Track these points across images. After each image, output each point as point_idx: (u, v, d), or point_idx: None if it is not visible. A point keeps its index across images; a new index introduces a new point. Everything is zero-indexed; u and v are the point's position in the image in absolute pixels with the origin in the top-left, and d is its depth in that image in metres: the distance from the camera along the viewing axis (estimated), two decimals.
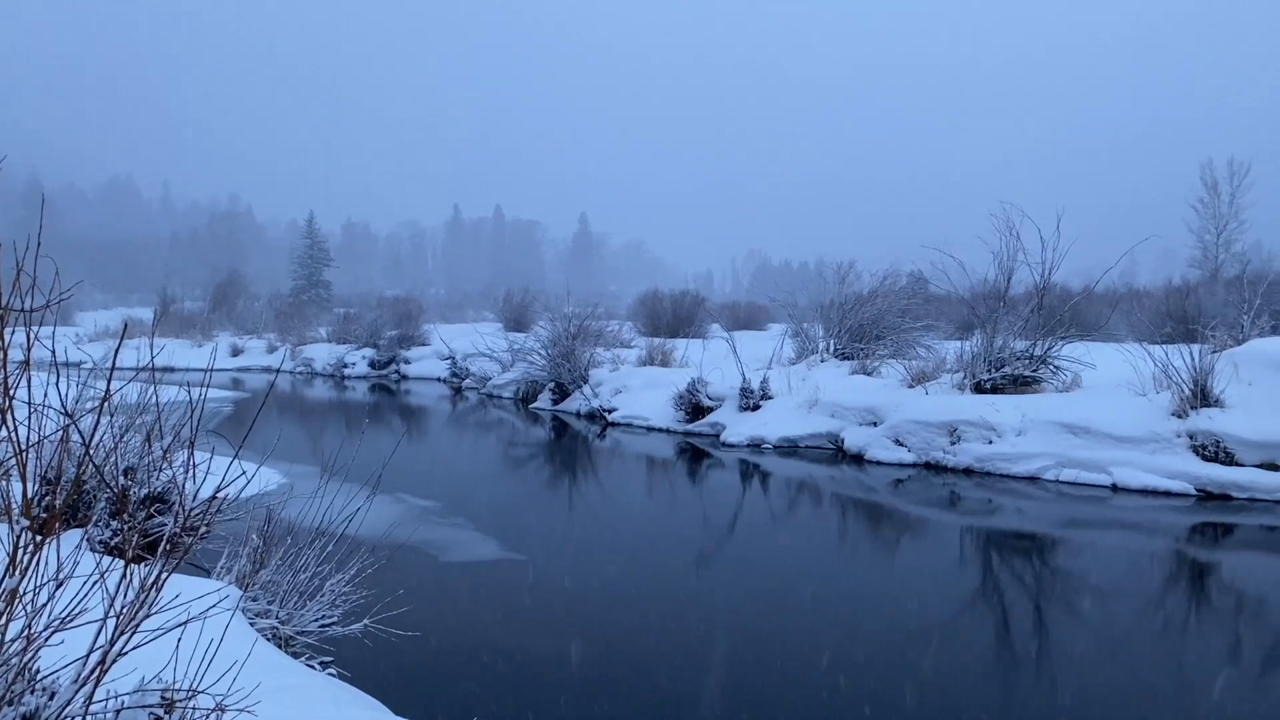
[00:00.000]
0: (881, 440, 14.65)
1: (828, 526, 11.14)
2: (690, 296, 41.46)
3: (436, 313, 52.03)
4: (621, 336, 29.38)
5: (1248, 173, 60.07)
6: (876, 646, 6.47)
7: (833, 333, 21.47)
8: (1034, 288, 16.40)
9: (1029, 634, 6.99)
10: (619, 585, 8.03)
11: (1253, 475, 11.55)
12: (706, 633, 6.68)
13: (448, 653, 6.16)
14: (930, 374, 16.66)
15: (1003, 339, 15.57)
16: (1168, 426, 12.49)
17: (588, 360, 22.49)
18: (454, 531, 9.68)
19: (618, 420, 19.32)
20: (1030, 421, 13.44)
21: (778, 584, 8.20)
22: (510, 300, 40.23)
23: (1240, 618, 7.69)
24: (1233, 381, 12.67)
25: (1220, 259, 56.78)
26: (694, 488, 13.62)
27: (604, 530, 10.63)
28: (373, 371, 34.60)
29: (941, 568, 9.23)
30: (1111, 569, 9.15)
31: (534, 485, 13.77)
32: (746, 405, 17.23)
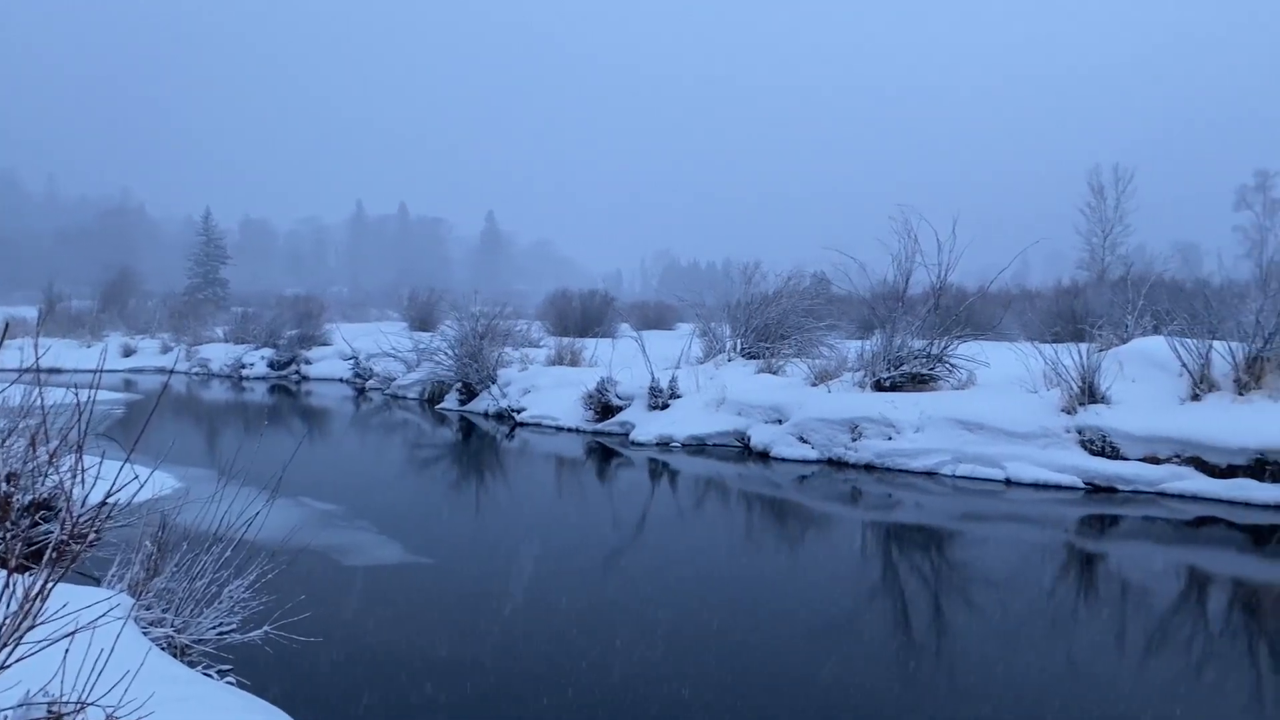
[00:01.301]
0: (786, 438, 14.91)
1: (735, 523, 11.29)
2: (599, 296, 41.49)
3: (339, 312, 51.04)
4: (530, 336, 29.25)
5: (1132, 178, 62.88)
6: (784, 639, 6.58)
7: (739, 332, 21.74)
8: (931, 288, 16.89)
9: (928, 624, 7.21)
10: (528, 587, 8.01)
11: (1137, 469, 12.11)
12: (616, 632, 6.71)
13: (351, 658, 6.06)
14: (833, 372, 17.01)
15: (901, 338, 15.99)
16: (1057, 422, 13.00)
17: (496, 360, 22.32)
18: (357, 535, 9.51)
19: (526, 420, 19.23)
20: (928, 418, 13.84)
21: (686, 581, 8.28)
22: (416, 299, 39.68)
23: (1125, 605, 8.05)
24: (1118, 379, 13.25)
25: (1106, 261, 59.33)
26: (603, 487, 13.65)
27: (512, 531, 10.58)
28: (272, 372, 33.74)
29: (845, 562, 9.45)
30: (1005, 561, 9.50)
31: (441, 487, 13.62)
32: (655, 404, 17.34)
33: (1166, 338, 13.66)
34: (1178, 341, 13.16)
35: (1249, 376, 12.47)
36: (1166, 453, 12.06)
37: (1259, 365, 12.48)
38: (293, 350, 34.36)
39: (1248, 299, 13.39)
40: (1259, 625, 7.49)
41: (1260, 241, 62.70)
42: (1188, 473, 11.77)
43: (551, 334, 32.98)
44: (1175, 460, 11.96)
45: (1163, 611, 7.72)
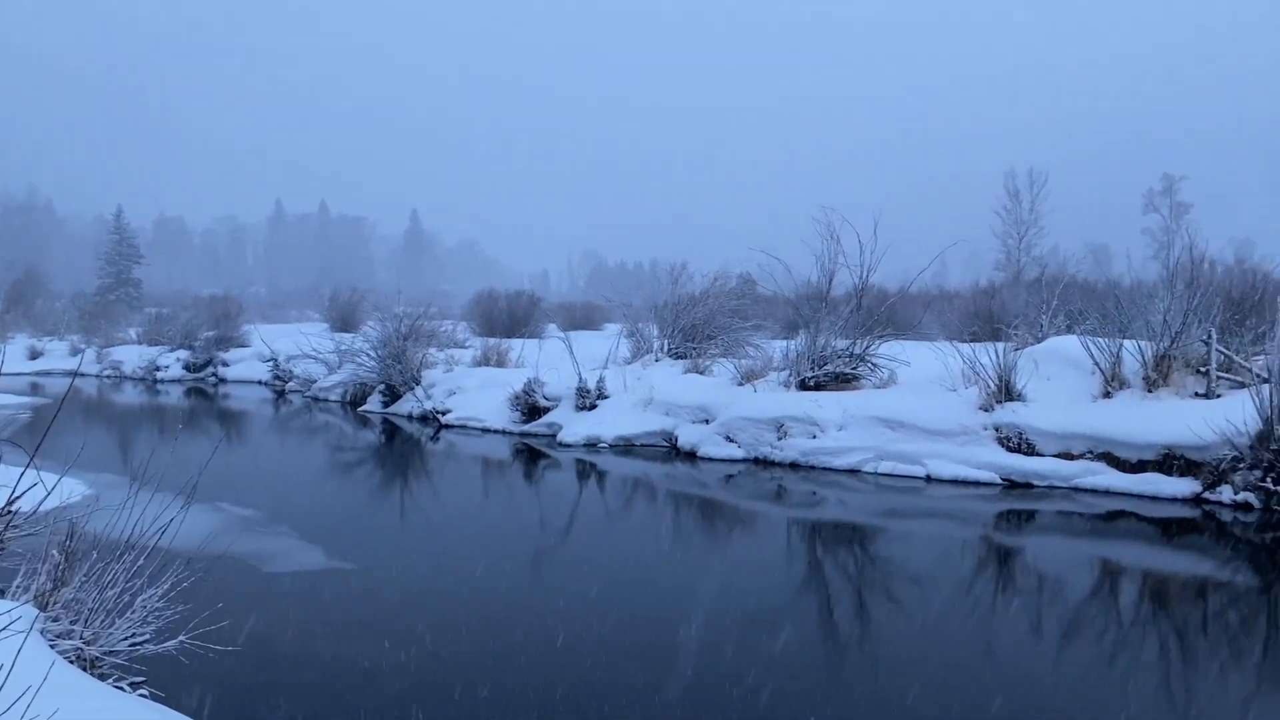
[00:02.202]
0: (713, 437, 15.01)
1: (662, 523, 11.31)
2: (526, 296, 41.31)
3: (258, 312, 49.94)
4: (456, 337, 28.95)
5: (1046, 182, 64.86)
6: (711, 636, 6.61)
7: (667, 332, 21.81)
8: (853, 289, 17.17)
9: (852, 618, 7.31)
10: (453, 590, 7.91)
11: (1052, 465, 12.46)
12: (544, 632, 6.66)
13: (270, 667, 5.92)
14: (759, 372, 17.17)
15: (825, 338, 16.21)
16: (976, 420, 13.31)
17: (420, 361, 22.04)
18: (277, 541, 9.30)
19: (452, 422, 19.02)
20: (851, 417, 14.06)
21: (614, 581, 8.27)
22: (337, 299, 39.02)
23: (1042, 597, 8.28)
24: (1033, 377, 13.62)
25: (1022, 262, 61.03)
26: (530, 488, 13.57)
27: (438, 535, 10.45)
28: (188, 374, 32.83)
29: (771, 559, 9.54)
30: (926, 556, 9.69)
31: (363, 491, 13.39)
32: (583, 405, 17.30)
33: (1079, 337, 14.10)
34: (1090, 340, 13.58)
35: (1157, 374, 12.93)
36: (1080, 449, 12.43)
37: (1166, 363, 12.94)
38: (209, 352, 33.50)
39: (1156, 299, 13.88)
40: (1168, 614, 7.76)
41: (1167, 244, 64.97)
42: (1100, 468, 12.15)
43: (478, 335, 32.69)
44: (1088, 456, 12.34)
45: (1077, 603, 7.95)
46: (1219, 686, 6.03)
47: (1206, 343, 12.61)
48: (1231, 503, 10.92)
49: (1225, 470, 11.15)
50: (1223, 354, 12.64)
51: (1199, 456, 11.45)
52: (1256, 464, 10.88)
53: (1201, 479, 11.35)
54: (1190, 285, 13.32)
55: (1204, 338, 12.68)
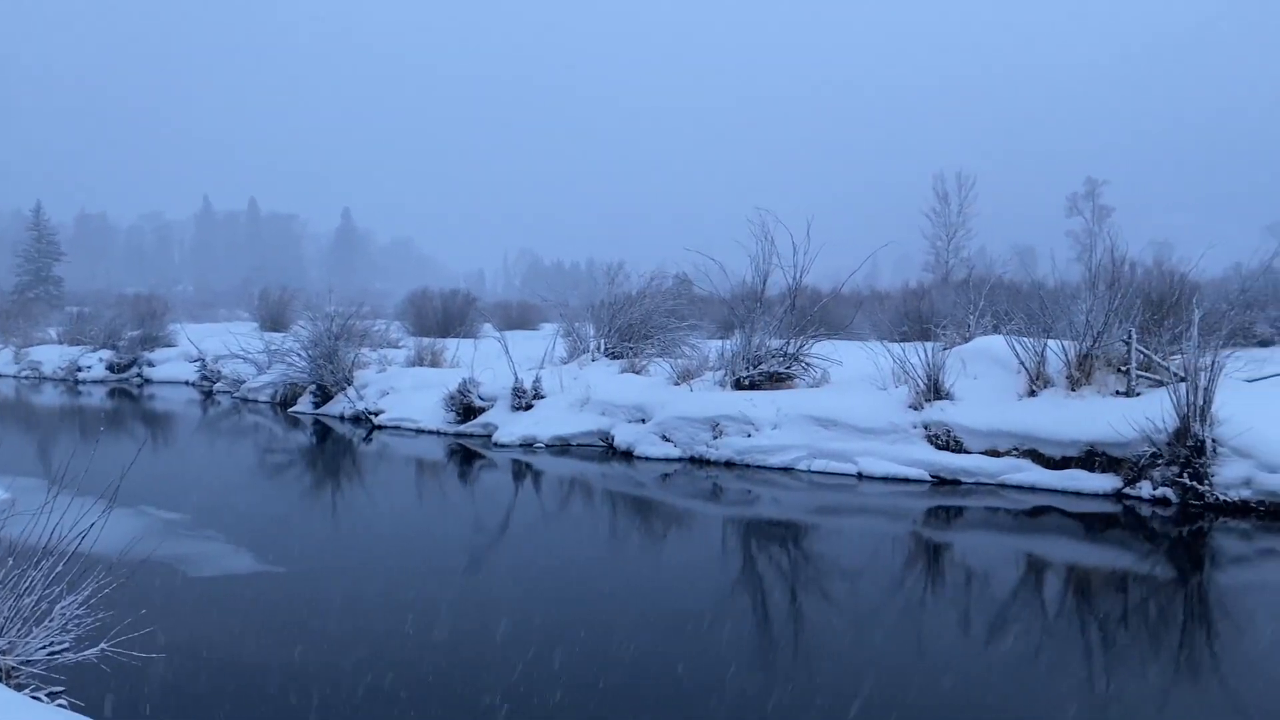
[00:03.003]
0: (650, 437, 15.05)
1: (598, 523, 11.31)
2: (461, 295, 40.95)
3: (185, 311, 48.71)
4: (389, 336, 28.59)
5: (974, 185, 66.29)
6: (646, 635, 6.63)
7: (603, 332, 21.81)
8: (787, 289, 17.36)
9: (785, 614, 7.40)
10: (386, 593, 7.82)
11: (979, 462, 12.74)
12: (477, 634, 6.62)
13: (196, 674, 5.79)
14: (695, 372, 17.27)
15: (760, 338, 16.36)
16: (906, 418, 13.55)
17: (352, 361, 21.72)
18: (204, 545, 9.09)
19: (385, 423, 18.79)
20: (785, 416, 14.21)
21: (549, 581, 8.25)
22: (267, 298, 38.28)
23: (970, 592, 8.46)
24: (961, 376, 13.91)
25: (950, 263, 62.27)
26: (466, 489, 13.47)
27: (370, 537, 10.31)
28: (111, 375, 31.90)
29: (706, 557, 9.60)
30: (858, 552, 9.84)
31: (294, 493, 13.16)
32: (519, 405, 17.21)
33: (1005, 336, 14.43)
34: (1016, 340, 13.91)
35: (1080, 373, 13.29)
36: (1006, 446, 12.73)
37: (1089, 362, 13.31)
38: (134, 352, 32.60)
39: (1078, 300, 14.26)
40: (1090, 607, 7.99)
41: (1090, 246, 66.83)
42: (1026, 465, 12.46)
43: (411, 334, 32.32)
44: (1014, 453, 12.64)
45: (1004, 597, 8.15)
46: (1139, 675, 6.22)
47: (1127, 342, 13.00)
48: (1150, 498, 11.28)
49: (1145, 466, 11.51)
50: (1142, 353, 13.04)
51: (1120, 453, 11.81)
52: (1174, 460, 11.25)
53: (1122, 475, 11.70)
54: (1111, 286, 13.72)
55: (1124, 338, 13.06)
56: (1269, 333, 31.15)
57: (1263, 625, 7.40)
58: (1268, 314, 31.91)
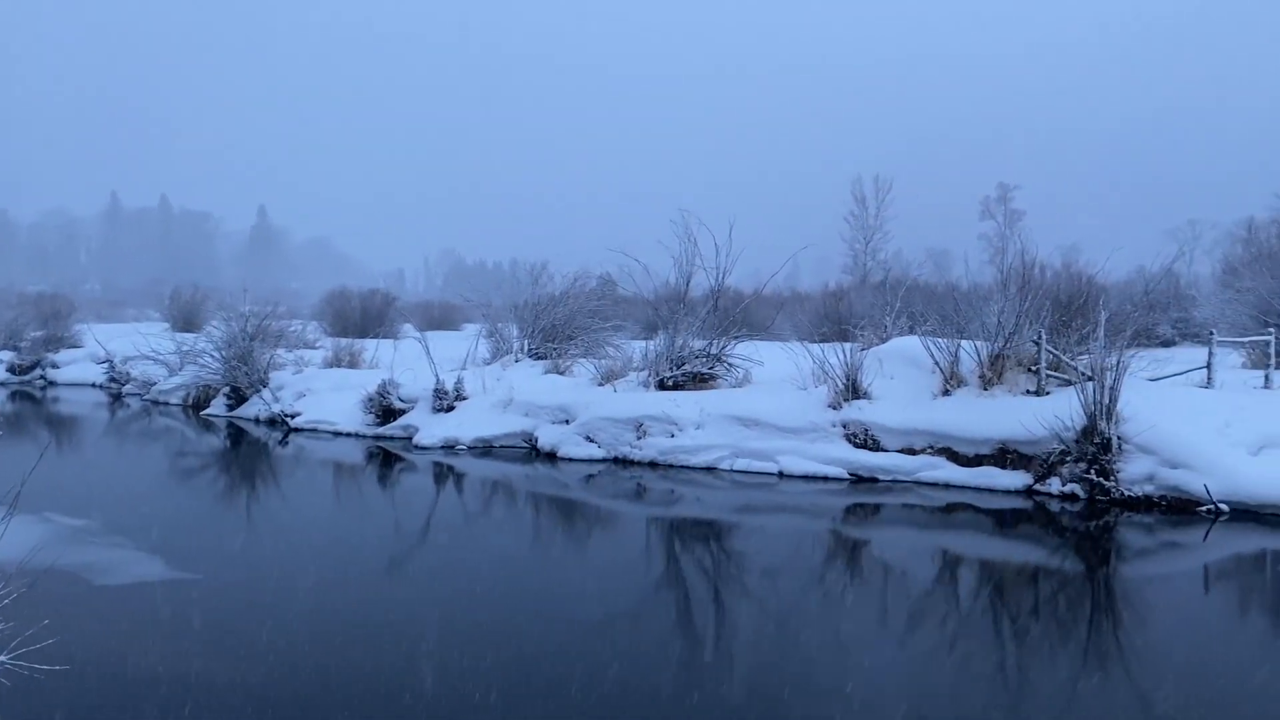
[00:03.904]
0: (573, 438, 15.02)
1: (521, 524, 11.25)
2: (381, 295, 40.42)
3: (92, 311, 47.06)
4: (306, 337, 28.05)
5: (890, 189, 67.71)
6: (568, 636, 6.61)
7: (527, 333, 21.70)
8: (710, 291, 17.50)
9: (708, 613, 7.45)
10: (302, 599, 7.66)
11: (895, 460, 13.01)
12: (395, 639, 6.52)
13: (103, 687, 5.59)
14: (619, 372, 17.29)
15: (683, 339, 16.47)
16: (825, 417, 13.76)
17: (268, 362, 21.23)
18: (112, 552, 8.78)
19: (302, 425, 18.41)
20: (708, 416, 14.31)
21: (470, 584, 8.17)
22: (179, 298, 37.25)
23: (887, 586, 8.63)
24: (878, 376, 14.18)
25: (868, 265, 63.48)
26: (385, 492, 13.27)
27: (286, 542, 10.09)
28: (13, 377, 30.66)
29: (629, 557, 9.62)
30: (778, 549, 9.96)
31: (207, 498, 12.80)
32: (440, 406, 17.02)
33: (921, 337, 14.77)
34: (931, 341, 14.25)
35: (992, 373, 13.66)
36: (921, 444, 13.02)
37: (1000, 362, 13.69)
38: (37, 353, 31.41)
39: (991, 301, 14.66)
40: (1001, 599, 8.22)
41: (1001, 249, 68.86)
42: (940, 462, 12.77)
43: (329, 335, 31.78)
44: (929, 451, 12.94)
45: (919, 592, 8.33)
46: (1049, 665, 6.42)
47: (1037, 343, 13.41)
48: (1059, 494, 11.65)
49: (1054, 463, 11.88)
50: (1052, 354, 13.46)
51: (1030, 450, 12.17)
52: (1081, 457, 11.64)
53: (1032, 472, 12.06)
54: (1022, 289, 14.13)
55: (1034, 338, 13.47)
56: (1171, 334, 32.45)
57: (1165, 615, 7.71)
58: (1169, 315, 33.23)
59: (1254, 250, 35.34)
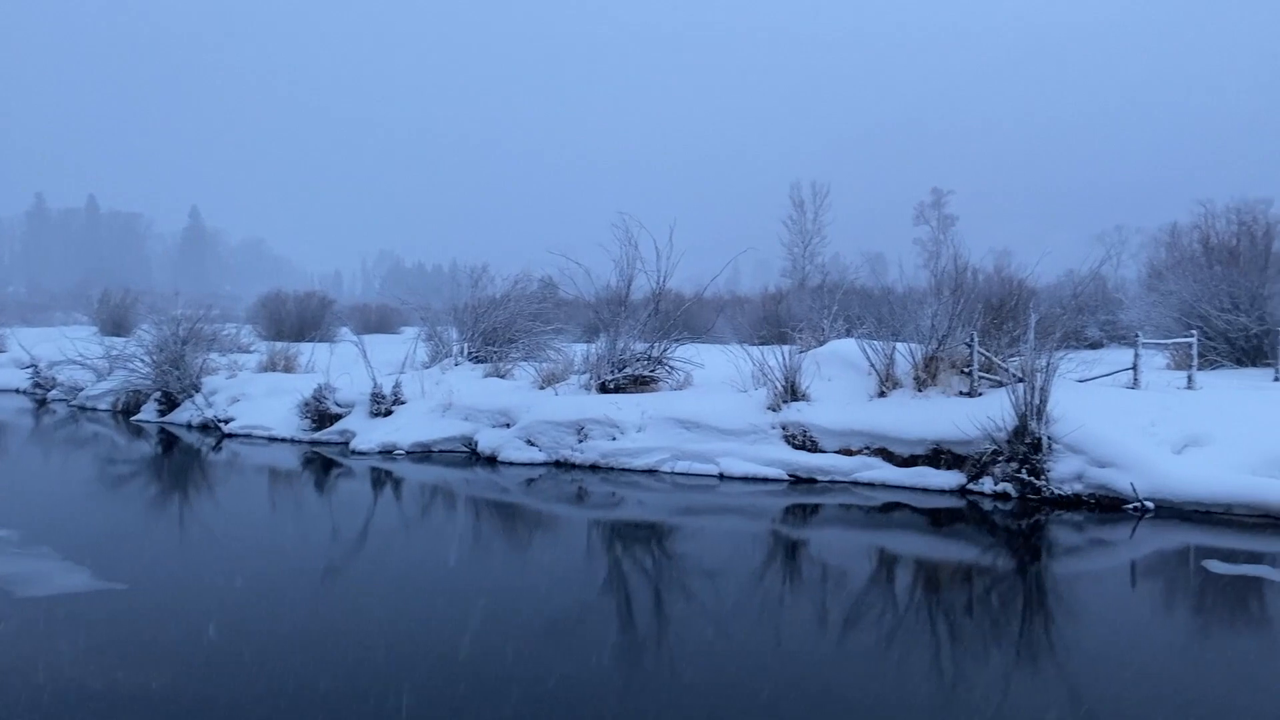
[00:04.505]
0: (514, 441, 14.94)
1: (461, 529, 11.16)
2: (317, 298, 39.88)
3: (15, 314, 45.83)
4: (240, 341, 27.51)
5: (828, 194, 68.56)
6: (509, 641, 6.57)
7: (467, 336, 21.54)
8: (651, 293, 17.55)
9: (649, 615, 7.46)
10: (235, 609, 7.50)
11: (833, 460, 13.17)
12: (331, 648, 6.43)
13: (23, 702, 5.42)
14: (560, 375, 17.26)
15: (624, 341, 16.50)
16: (764, 419, 13.89)
17: (200, 367, 20.80)
18: (36, 563, 8.52)
19: (236, 431, 18.05)
20: (649, 418, 14.36)
21: (408, 591, 8.09)
22: (108, 301, 36.24)
23: (825, 586, 8.73)
24: (816, 378, 14.36)
25: (806, 269, 64.21)
26: (321, 498, 13.06)
27: (219, 551, 9.88)
28: None
29: (571, 561, 9.60)
30: (719, 551, 10.02)
31: (136, 506, 12.49)
32: (378, 411, 16.81)
33: (857, 340, 14.98)
34: (867, 343, 14.47)
35: (926, 374, 13.91)
36: (858, 445, 13.21)
37: (934, 364, 13.95)
38: None
39: (925, 305, 14.93)
40: (936, 597, 8.36)
41: (935, 253, 70.08)
42: (876, 463, 12.96)
43: (264, 338, 31.20)
44: (866, 451, 13.13)
45: (856, 590, 8.44)
46: (982, 661, 6.56)
47: (969, 345, 13.68)
48: (992, 493, 11.90)
49: (986, 463, 12.13)
50: (984, 355, 13.75)
51: (964, 451, 12.41)
52: (1013, 457, 11.90)
53: (966, 471, 12.30)
54: (955, 292, 14.43)
55: (967, 341, 13.74)
56: (1098, 336, 33.35)
57: (1094, 611, 7.91)
58: (1097, 318, 34.15)
59: (1177, 255, 36.44)
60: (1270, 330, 23.87)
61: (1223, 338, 25.90)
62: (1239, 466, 11.15)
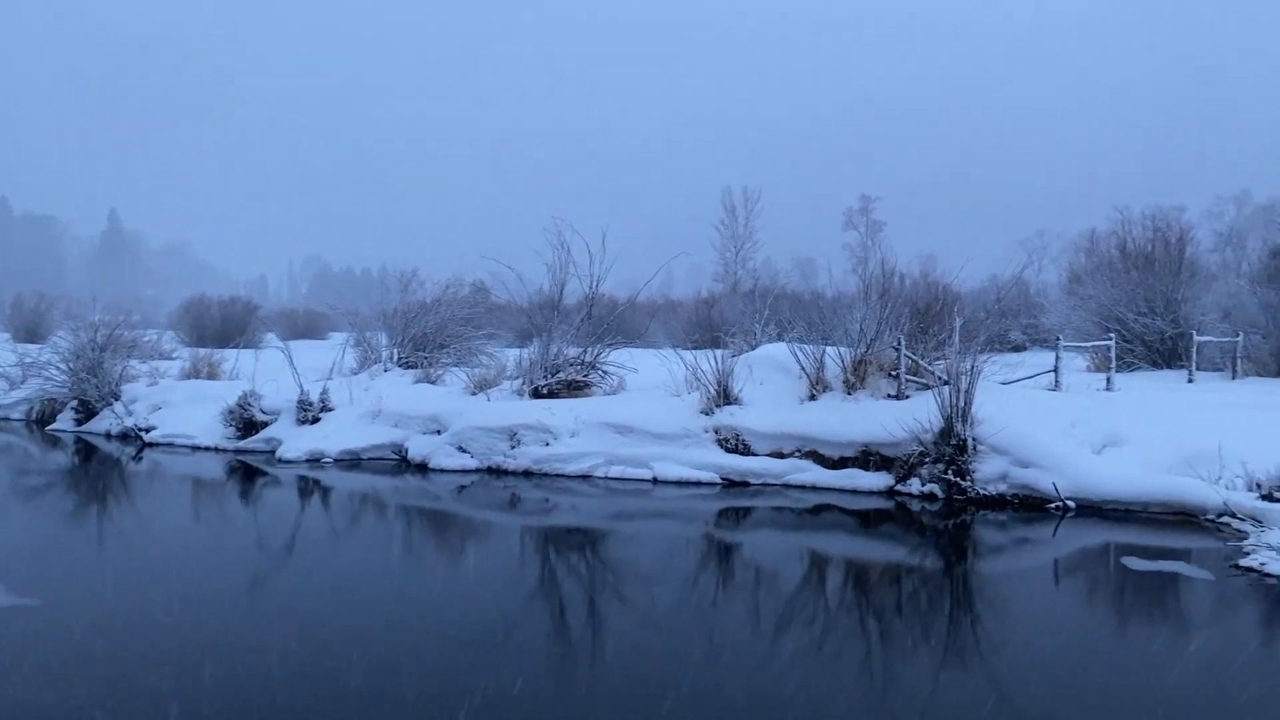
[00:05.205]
0: (445, 448, 14.78)
1: (390, 538, 10.99)
2: (242, 303, 39.13)
3: None
4: (162, 347, 26.81)
5: (759, 199, 69.30)
6: (440, 651, 6.49)
7: (396, 341, 21.27)
8: (584, 298, 17.53)
9: (583, 622, 7.43)
10: (154, 623, 7.28)
11: (765, 463, 13.28)
12: (255, 661, 6.27)
13: None
14: (492, 381, 17.13)
15: (557, 346, 16.44)
16: (697, 423, 13.95)
17: (120, 374, 20.20)
18: None
19: (157, 440, 17.56)
20: (583, 423, 14.31)
21: (336, 602, 7.93)
22: (21, 307, 35.12)
23: (758, 588, 8.78)
24: (748, 382, 14.47)
25: (738, 274, 64.76)
26: (246, 508, 12.76)
27: (140, 562, 9.58)
28: None
29: (503, 568, 9.51)
30: (652, 555, 10.02)
31: (51, 519, 12.06)
32: (305, 418, 16.50)
33: (788, 344, 15.14)
34: (798, 347, 14.63)
35: (855, 378, 14.10)
36: (790, 448, 13.34)
37: (863, 367, 14.15)
38: None
39: (854, 309, 15.15)
40: (866, 598, 8.47)
41: (863, 258, 71.23)
42: (807, 465, 13.10)
43: (187, 345, 30.49)
44: (797, 454, 13.26)
45: (788, 592, 8.51)
46: (910, 659, 6.65)
47: (897, 349, 13.91)
48: (920, 494, 12.10)
49: (914, 464, 12.34)
50: (911, 359, 13.99)
51: (892, 452, 12.61)
52: (939, 458, 12.12)
53: (894, 473, 12.50)
54: (883, 297, 14.67)
55: (895, 344, 13.97)
56: (1021, 339, 34.22)
57: (1018, 608, 8.09)
58: (1020, 322, 35.03)
59: (1096, 260, 37.63)
60: (1184, 333, 24.75)
61: (1140, 340, 26.79)
62: (1156, 466, 11.51)
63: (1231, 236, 63.63)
